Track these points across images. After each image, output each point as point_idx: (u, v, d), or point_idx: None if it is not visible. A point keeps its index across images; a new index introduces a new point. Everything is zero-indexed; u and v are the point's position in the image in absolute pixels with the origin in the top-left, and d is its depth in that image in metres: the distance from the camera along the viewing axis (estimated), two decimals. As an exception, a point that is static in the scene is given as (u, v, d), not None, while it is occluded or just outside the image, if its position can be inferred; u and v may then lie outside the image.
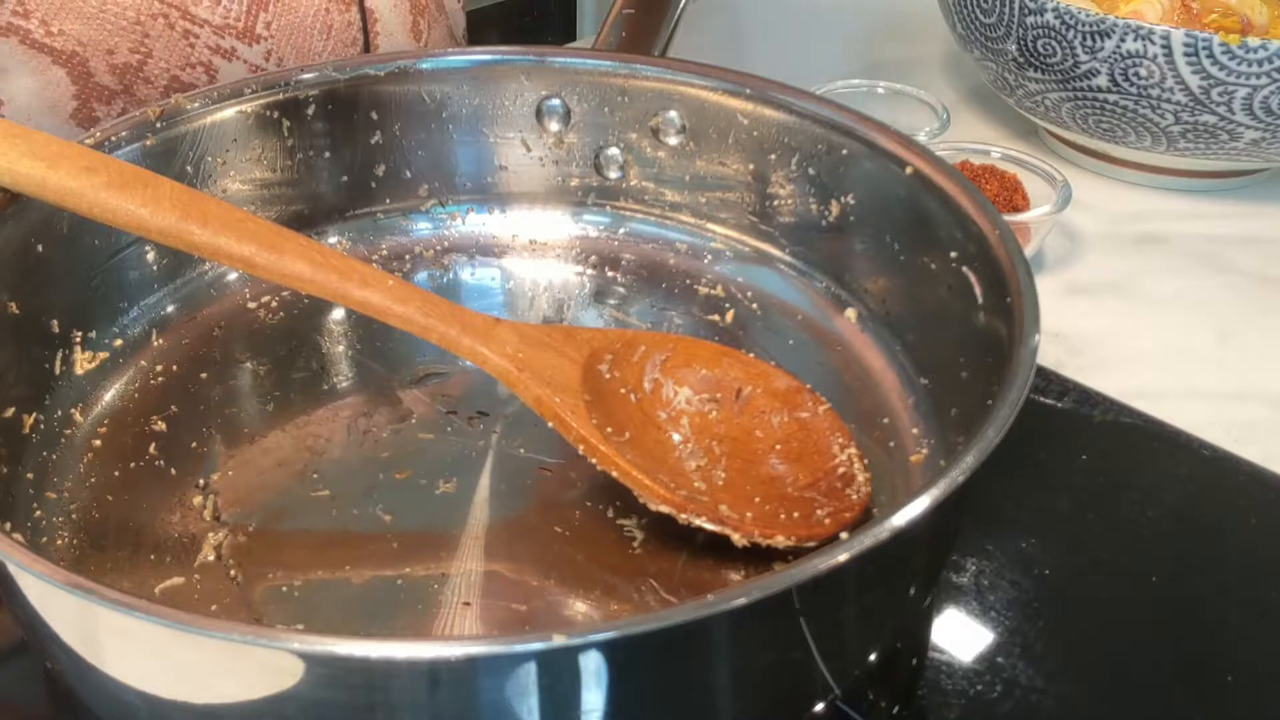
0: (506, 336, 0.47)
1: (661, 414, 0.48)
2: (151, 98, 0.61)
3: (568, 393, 0.46)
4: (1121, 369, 0.61)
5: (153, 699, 0.36)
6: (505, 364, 0.47)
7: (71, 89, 0.59)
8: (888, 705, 0.44)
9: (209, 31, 0.60)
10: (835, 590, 0.36)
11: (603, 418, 0.46)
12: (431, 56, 0.61)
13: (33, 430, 0.49)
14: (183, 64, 0.60)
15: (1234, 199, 0.76)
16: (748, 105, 0.58)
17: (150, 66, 0.60)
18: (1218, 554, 0.51)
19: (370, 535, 0.46)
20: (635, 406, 0.48)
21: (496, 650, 0.32)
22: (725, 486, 0.46)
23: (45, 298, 0.51)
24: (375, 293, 0.47)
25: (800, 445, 0.48)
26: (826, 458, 0.47)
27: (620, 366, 0.49)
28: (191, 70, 0.61)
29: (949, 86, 0.89)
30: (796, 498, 0.46)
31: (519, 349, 0.47)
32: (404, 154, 0.62)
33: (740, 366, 0.50)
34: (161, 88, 0.60)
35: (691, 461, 0.47)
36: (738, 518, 0.44)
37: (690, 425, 0.48)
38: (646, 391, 0.49)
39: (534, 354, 0.47)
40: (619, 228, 0.63)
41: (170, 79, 0.60)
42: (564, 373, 0.47)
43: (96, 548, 0.46)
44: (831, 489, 0.46)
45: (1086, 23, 0.68)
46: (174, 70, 0.60)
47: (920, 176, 0.52)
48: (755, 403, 0.49)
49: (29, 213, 0.50)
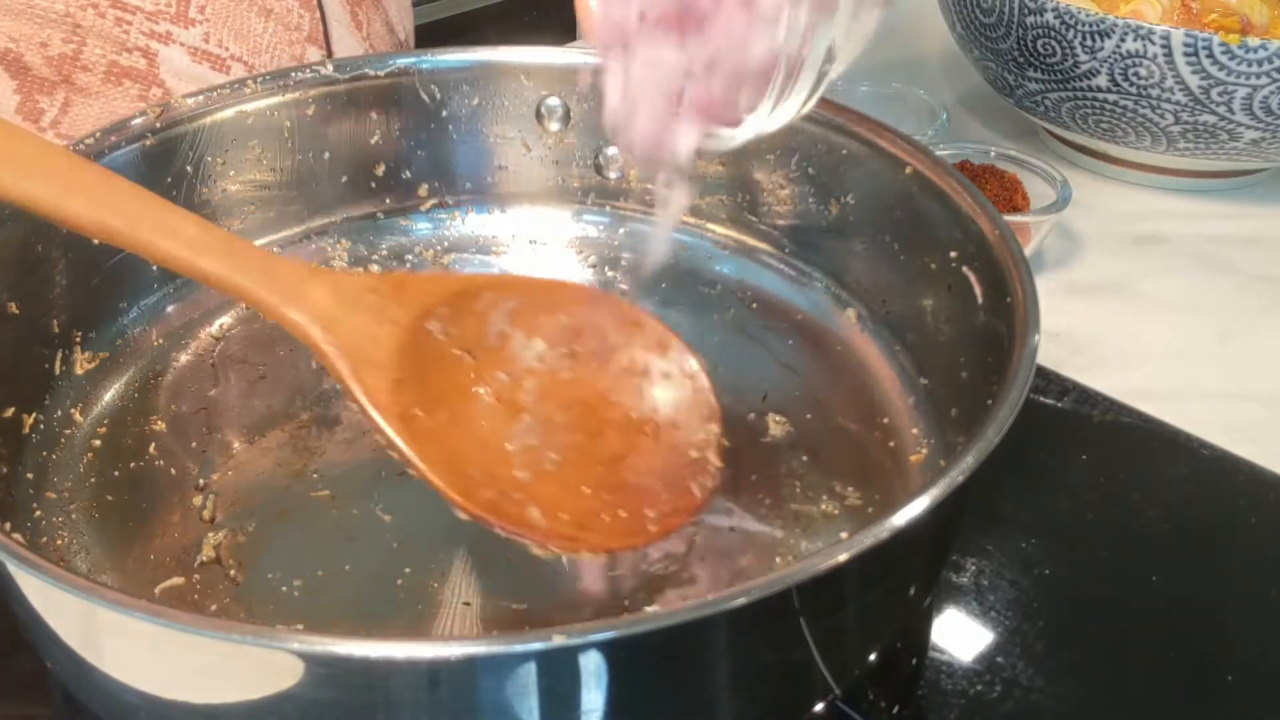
0: (319, 296, 0.42)
1: (501, 376, 0.43)
2: (93, 85, 0.61)
3: (374, 371, 0.41)
4: (1121, 369, 0.61)
5: (153, 699, 0.36)
6: (312, 330, 0.41)
7: (11, 84, 0.59)
8: (888, 705, 0.44)
9: (141, 18, 0.61)
10: (835, 590, 0.36)
11: (418, 395, 0.41)
12: (432, 56, 0.61)
13: (33, 430, 0.49)
14: (119, 49, 0.61)
15: (1234, 199, 0.76)
16: (748, 105, 0.58)
17: (86, 54, 0.61)
18: (1217, 554, 0.51)
19: (370, 535, 0.46)
20: (467, 372, 0.43)
21: (496, 650, 0.32)
22: (553, 474, 0.41)
23: (45, 298, 0.51)
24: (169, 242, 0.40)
25: (658, 416, 0.44)
26: (685, 434, 0.43)
27: (459, 322, 0.44)
28: (130, 55, 0.62)
29: (949, 86, 0.89)
30: (634, 485, 0.42)
31: (332, 310, 0.42)
32: (404, 154, 0.62)
33: (611, 314, 0.46)
34: (101, 74, 0.61)
35: (521, 440, 0.42)
36: (546, 525, 0.40)
37: (534, 390, 0.43)
38: (490, 348, 0.44)
39: (348, 317, 0.42)
40: (619, 228, 0.63)
41: (109, 64, 0.61)
42: (379, 342, 0.42)
43: (96, 548, 0.46)
44: (677, 479, 0.42)
45: (1086, 22, 0.68)
46: (110, 56, 0.61)
47: (920, 176, 0.52)
48: (619, 359, 0.45)
49: (29, 213, 0.50)
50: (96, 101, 0.62)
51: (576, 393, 0.44)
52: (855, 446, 0.51)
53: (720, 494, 0.47)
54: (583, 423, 0.43)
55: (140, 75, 0.62)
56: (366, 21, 0.70)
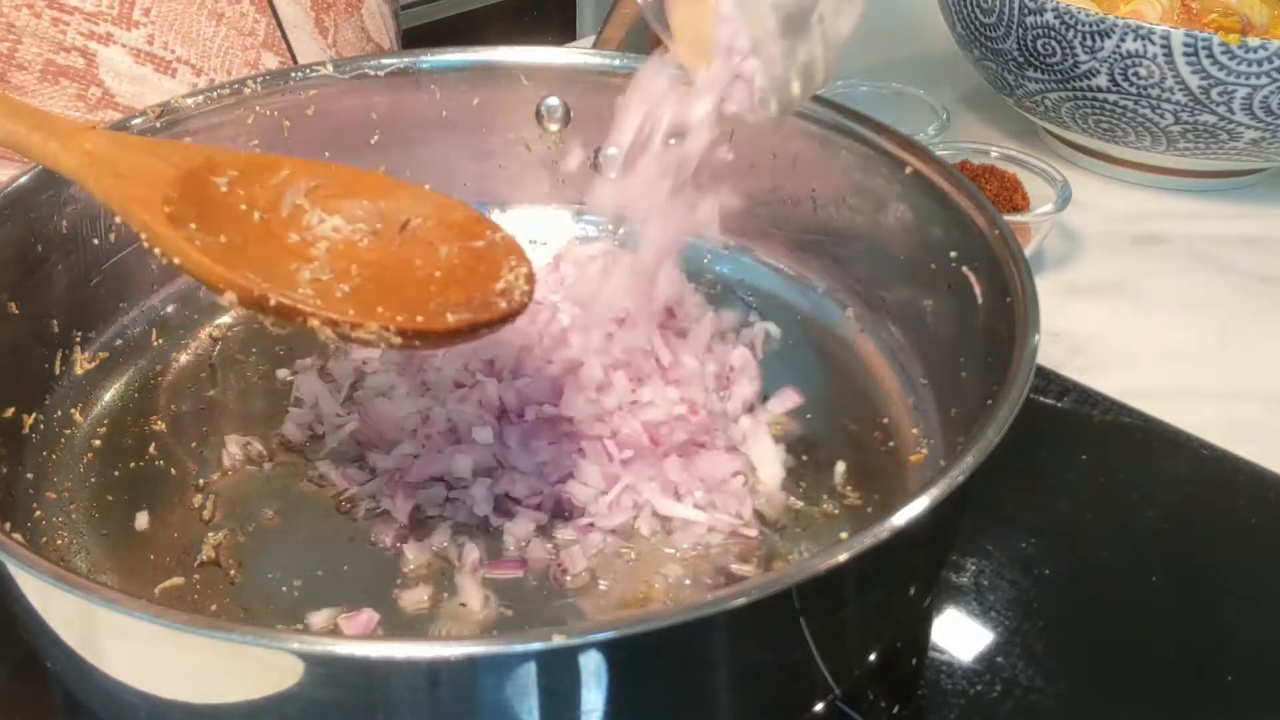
0: (93, 139, 0.42)
1: (293, 236, 0.42)
2: (28, 84, 0.62)
3: (144, 187, 0.41)
4: (1121, 369, 0.61)
5: (153, 699, 0.36)
6: (76, 159, 0.42)
7: None
8: (888, 705, 0.44)
9: (80, 18, 0.61)
10: (835, 590, 0.36)
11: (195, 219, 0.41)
12: (431, 56, 0.61)
13: (33, 430, 0.49)
14: (55, 49, 0.61)
15: (1233, 199, 0.76)
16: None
17: (22, 53, 0.61)
18: (1217, 554, 0.51)
19: (370, 535, 0.46)
20: (256, 223, 0.42)
21: (496, 650, 0.32)
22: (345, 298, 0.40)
23: (45, 298, 0.51)
24: None
25: (466, 271, 0.43)
26: (491, 280, 0.43)
27: (248, 185, 0.43)
28: (67, 54, 0.62)
29: (949, 86, 0.89)
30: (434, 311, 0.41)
31: (102, 148, 0.42)
32: (404, 154, 0.62)
33: (414, 199, 0.45)
34: (37, 72, 0.62)
35: (310, 274, 0.41)
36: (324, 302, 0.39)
37: (329, 250, 0.42)
38: (281, 215, 0.43)
39: (119, 153, 0.42)
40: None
41: (45, 63, 0.62)
42: (149, 171, 0.41)
43: (96, 548, 0.46)
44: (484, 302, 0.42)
45: (1086, 22, 0.68)
46: (47, 55, 0.61)
47: (920, 176, 0.52)
48: (424, 234, 0.44)
49: (29, 213, 0.50)
50: (33, 99, 0.62)
51: (376, 258, 0.43)
52: (855, 446, 0.51)
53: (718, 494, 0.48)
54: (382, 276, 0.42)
55: (78, 74, 0.62)
56: (334, 28, 0.70)
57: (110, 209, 0.41)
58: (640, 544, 0.46)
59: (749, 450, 0.49)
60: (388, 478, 0.48)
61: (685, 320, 0.54)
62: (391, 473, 0.48)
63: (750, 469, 0.49)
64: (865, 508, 0.48)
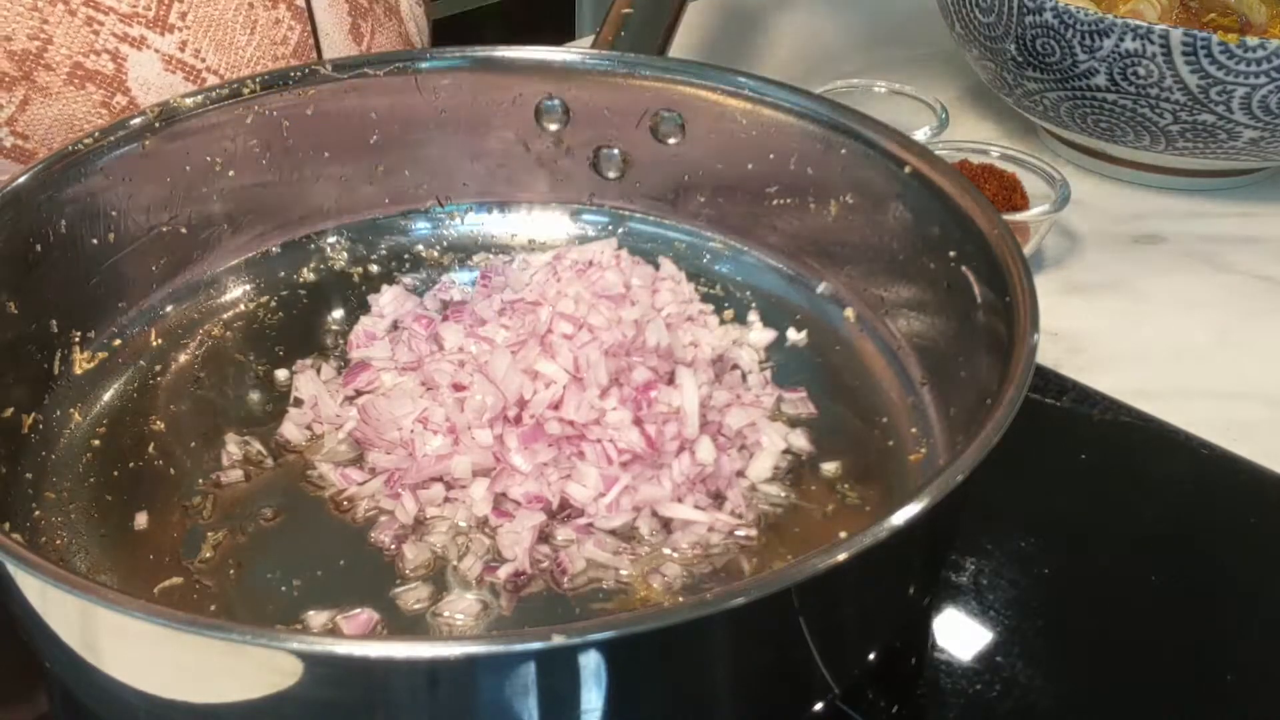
0: None
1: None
2: (54, 85, 0.60)
3: None
4: (1120, 368, 0.61)
5: (153, 699, 0.36)
6: None
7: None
8: (888, 705, 0.44)
9: (114, 19, 0.60)
10: (835, 589, 0.36)
11: None
12: (431, 56, 0.61)
13: (32, 430, 0.49)
14: (86, 51, 0.60)
15: (1233, 199, 0.76)
16: (747, 105, 0.58)
17: (51, 53, 0.60)
18: (1217, 554, 0.51)
19: (370, 535, 0.46)
20: None
21: (496, 650, 0.32)
22: None
23: (45, 298, 0.51)
24: None
25: None
26: None
27: None
28: (97, 57, 0.60)
29: (949, 86, 0.89)
30: None
31: None
32: (404, 154, 0.62)
33: None
34: (64, 74, 0.60)
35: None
36: None
37: None
38: None
39: None
40: (618, 228, 0.63)
41: (73, 66, 0.60)
42: None
43: (96, 548, 0.46)
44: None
45: (1085, 22, 0.68)
46: (76, 57, 0.60)
47: (919, 176, 0.52)
48: None
49: (29, 213, 0.50)
50: (56, 103, 0.61)
51: None
52: (854, 445, 0.51)
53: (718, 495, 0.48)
54: None
55: (106, 80, 0.61)
56: (370, 33, 0.69)
57: None
58: (640, 544, 0.46)
59: (749, 450, 0.49)
60: (387, 478, 0.48)
61: (684, 320, 0.54)
62: (391, 473, 0.48)
63: (750, 469, 0.49)
64: (864, 507, 0.48)
